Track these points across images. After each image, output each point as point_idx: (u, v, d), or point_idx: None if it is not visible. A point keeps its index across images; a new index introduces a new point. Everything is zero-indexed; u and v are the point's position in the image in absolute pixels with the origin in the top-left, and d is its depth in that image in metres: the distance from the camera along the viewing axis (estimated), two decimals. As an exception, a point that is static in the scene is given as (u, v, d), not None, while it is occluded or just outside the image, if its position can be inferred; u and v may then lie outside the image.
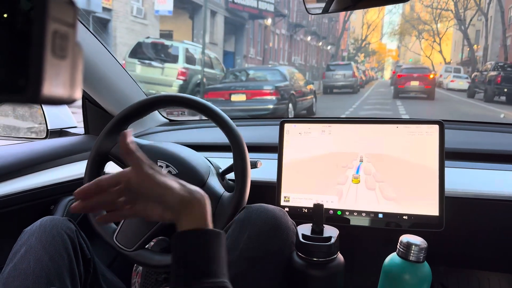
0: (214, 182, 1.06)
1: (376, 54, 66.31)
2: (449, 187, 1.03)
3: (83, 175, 1.09)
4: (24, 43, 0.25)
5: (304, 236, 0.84)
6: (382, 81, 41.19)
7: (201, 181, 1.03)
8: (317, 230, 0.85)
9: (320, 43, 40.38)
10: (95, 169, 1.08)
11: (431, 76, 16.35)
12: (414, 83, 15.91)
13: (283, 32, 29.24)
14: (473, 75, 17.76)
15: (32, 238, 0.90)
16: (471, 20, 31.37)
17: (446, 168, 1.01)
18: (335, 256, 0.84)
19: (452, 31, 46.45)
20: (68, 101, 0.27)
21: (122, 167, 1.10)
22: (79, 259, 0.94)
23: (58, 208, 1.22)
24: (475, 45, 34.06)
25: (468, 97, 16.98)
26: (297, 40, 32.47)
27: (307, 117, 8.21)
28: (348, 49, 51.07)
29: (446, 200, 1.00)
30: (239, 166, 1.01)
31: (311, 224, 0.88)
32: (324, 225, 0.86)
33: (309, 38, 35.46)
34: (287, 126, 1.15)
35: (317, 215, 0.85)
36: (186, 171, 1.04)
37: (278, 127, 1.16)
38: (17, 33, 0.25)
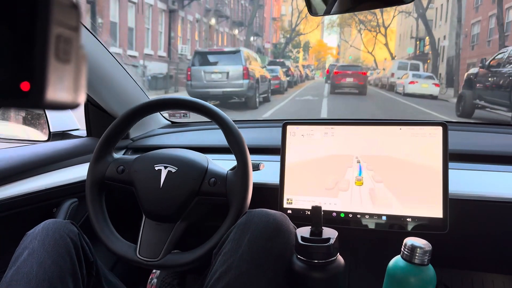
0: (215, 166, 1.07)
1: (315, 51, 61.92)
2: (453, 189, 1.02)
3: (85, 178, 1.09)
4: (27, 47, 0.24)
5: (303, 238, 0.84)
6: (320, 80, 31.83)
7: (202, 169, 1.04)
8: (317, 232, 0.85)
9: (237, 31, 29.81)
10: (96, 198, 1.08)
11: (364, 73, 18.07)
12: (349, 80, 17.32)
13: (151, 2, 17.27)
14: (466, 75, 9.46)
15: (34, 241, 0.90)
16: (429, 1, 25.03)
17: (450, 170, 1.01)
18: (335, 257, 0.84)
19: (396, 23, 40.57)
20: (72, 106, 0.27)
21: (122, 188, 1.09)
22: (81, 262, 0.94)
23: (61, 211, 1.22)
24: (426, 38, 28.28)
25: (462, 115, 9.10)
26: (189, 21, 20.90)
27: (310, 119, 8.19)
28: (278, 42, 42.31)
29: (450, 202, 1.00)
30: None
31: (311, 227, 0.87)
32: (323, 227, 0.86)
33: (213, 20, 24.18)
34: (289, 128, 1.15)
35: (316, 217, 0.84)
36: (185, 165, 1.05)
37: (280, 129, 1.16)
38: (20, 37, 0.24)
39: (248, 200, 1.00)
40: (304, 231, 0.86)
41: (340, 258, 0.85)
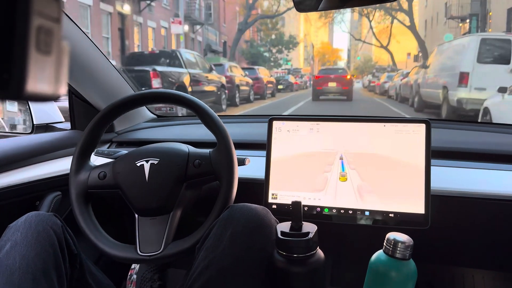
0: (196, 149, 1.07)
1: (319, 54, 54.00)
2: (435, 185, 1.04)
3: (68, 171, 1.08)
4: (7, 38, 0.24)
5: (282, 233, 0.85)
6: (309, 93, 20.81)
7: (184, 154, 1.04)
8: (296, 227, 0.86)
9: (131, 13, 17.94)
10: (84, 210, 1.05)
11: (348, 77, 16.31)
12: (332, 84, 15.92)
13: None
14: None
15: (17, 233, 0.89)
16: None
17: (432, 167, 1.03)
18: (315, 251, 0.85)
19: (418, 6, 30.33)
20: (53, 97, 0.27)
21: (108, 193, 1.08)
22: (65, 254, 0.93)
23: (44, 204, 1.21)
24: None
25: None
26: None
27: (296, 114, 8.19)
28: (251, 39, 30.69)
29: (432, 198, 1.01)
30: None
31: (291, 222, 0.88)
32: (303, 222, 0.87)
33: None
34: (275, 123, 1.15)
35: (296, 212, 0.85)
36: (167, 155, 1.04)
37: (266, 124, 1.16)
38: (0, 28, 0.24)
39: (236, 171, 1.00)
40: (284, 226, 0.87)
41: (320, 252, 0.87)
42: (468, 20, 21.29)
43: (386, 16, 26.53)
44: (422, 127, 1.04)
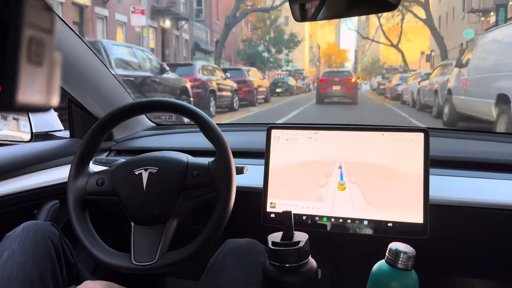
0: (195, 159, 1.07)
1: (325, 55, 52.19)
2: (434, 194, 1.03)
3: (67, 179, 1.08)
4: None
5: (274, 243, 0.85)
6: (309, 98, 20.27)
7: (183, 164, 1.03)
8: (287, 237, 0.86)
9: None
10: (80, 216, 1.04)
11: (353, 80, 15.87)
12: (336, 88, 15.52)
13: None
14: None
15: (14, 243, 0.89)
16: None
17: (430, 176, 1.02)
18: (307, 260, 0.85)
19: (431, 1, 23.88)
20: (44, 109, 0.27)
21: (105, 200, 1.07)
22: (62, 264, 0.93)
23: (42, 213, 1.20)
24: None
25: None
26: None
27: (295, 123, 8.18)
28: (247, 38, 26.68)
29: (431, 208, 1.01)
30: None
31: (282, 232, 0.89)
32: (295, 232, 0.87)
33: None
34: (274, 132, 1.15)
35: (287, 222, 0.86)
36: (166, 164, 1.04)
37: (265, 133, 1.16)
38: None
39: (234, 183, 1.00)
40: (275, 237, 0.87)
41: (312, 261, 0.86)
42: (492, 13, 18.18)
43: (395, 13, 23.54)
44: (420, 136, 1.04)
